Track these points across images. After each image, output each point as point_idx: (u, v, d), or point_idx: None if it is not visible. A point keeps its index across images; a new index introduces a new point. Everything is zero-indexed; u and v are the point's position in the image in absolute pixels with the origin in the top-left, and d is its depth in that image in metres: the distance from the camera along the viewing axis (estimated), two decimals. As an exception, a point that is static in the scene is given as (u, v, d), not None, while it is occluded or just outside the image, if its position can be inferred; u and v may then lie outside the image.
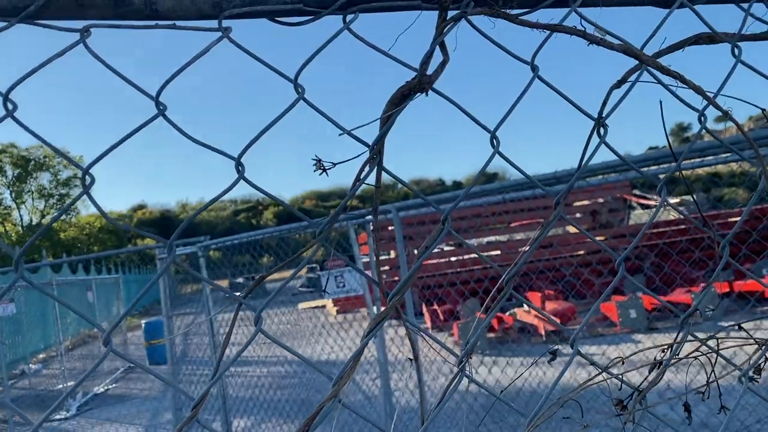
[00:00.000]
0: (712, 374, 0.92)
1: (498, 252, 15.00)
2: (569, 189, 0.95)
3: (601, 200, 16.71)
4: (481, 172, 0.93)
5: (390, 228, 13.04)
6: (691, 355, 0.95)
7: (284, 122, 0.91)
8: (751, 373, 1.00)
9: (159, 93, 0.83)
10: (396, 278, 15.12)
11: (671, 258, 9.84)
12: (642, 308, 11.10)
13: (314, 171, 0.86)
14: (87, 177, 0.80)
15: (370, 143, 0.87)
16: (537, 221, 15.81)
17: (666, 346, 0.95)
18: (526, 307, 12.88)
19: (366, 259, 8.31)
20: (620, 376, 0.94)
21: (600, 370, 0.92)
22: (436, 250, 16.71)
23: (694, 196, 1.29)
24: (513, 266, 0.92)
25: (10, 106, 0.79)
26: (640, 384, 0.94)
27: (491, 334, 11.77)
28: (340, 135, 0.84)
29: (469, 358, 0.89)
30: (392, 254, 14.99)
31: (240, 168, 0.85)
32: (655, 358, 0.95)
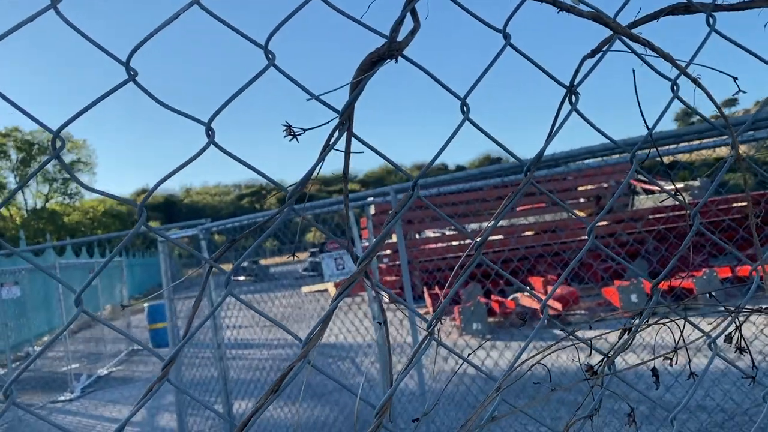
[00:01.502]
0: (681, 339, 0.93)
1: (500, 236, 15.00)
2: (540, 156, 0.96)
3: (605, 185, 16.67)
4: (450, 139, 0.94)
5: (390, 211, 13.04)
6: (659, 322, 0.96)
7: (289, 111, 0.92)
8: (721, 341, 1.02)
9: (129, 58, 0.83)
10: (397, 262, 15.14)
11: (669, 242, 9.83)
12: (643, 292, 11.13)
13: (284, 137, 0.86)
14: (57, 141, 0.81)
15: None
16: (538, 206, 15.80)
17: (636, 313, 0.96)
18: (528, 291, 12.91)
19: (366, 243, 8.33)
20: (589, 341, 0.95)
21: (567, 333, 0.93)
22: (437, 234, 16.73)
23: (671, 175, 1.30)
24: (485, 230, 0.93)
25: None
26: (610, 350, 0.95)
27: (491, 319, 11.80)
28: (308, 100, 0.84)
29: (437, 322, 0.90)
30: (394, 238, 15.01)
31: (210, 133, 0.86)
32: (624, 325, 0.97)
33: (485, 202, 14.04)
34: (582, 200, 16.76)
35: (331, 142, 0.86)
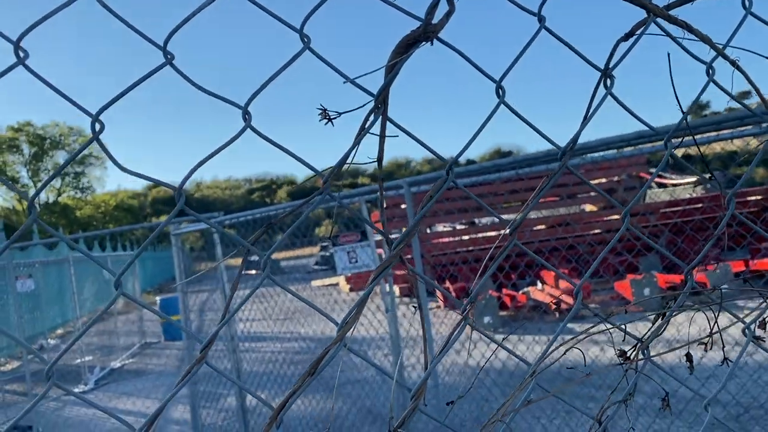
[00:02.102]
0: (715, 325, 0.92)
1: (504, 216, 14.91)
2: (576, 138, 0.95)
3: (617, 178, 16.58)
4: (485, 123, 0.93)
5: (402, 206, 13.04)
6: (693, 307, 0.95)
7: (292, 100, 0.92)
8: (756, 328, 1.01)
9: (167, 42, 0.83)
10: (409, 256, 15.14)
11: (685, 234, 9.78)
12: (656, 286, 11.07)
13: (320, 121, 0.86)
14: (96, 124, 0.81)
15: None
16: (552, 199, 15.74)
17: (670, 297, 0.96)
18: (540, 285, 12.88)
19: (378, 237, 8.33)
20: (623, 326, 0.95)
21: (602, 318, 0.93)
22: (448, 228, 16.71)
23: (705, 161, 1.28)
24: (519, 214, 0.93)
25: (21, 54, 0.80)
26: (644, 335, 0.95)
27: (504, 312, 11.79)
28: (344, 83, 0.84)
29: (472, 306, 0.90)
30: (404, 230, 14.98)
31: (247, 117, 0.86)
32: (658, 311, 0.96)
33: (498, 196, 14.01)
34: (593, 193, 16.68)
35: (366, 126, 0.86)
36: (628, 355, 0.94)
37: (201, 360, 0.81)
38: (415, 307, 0.96)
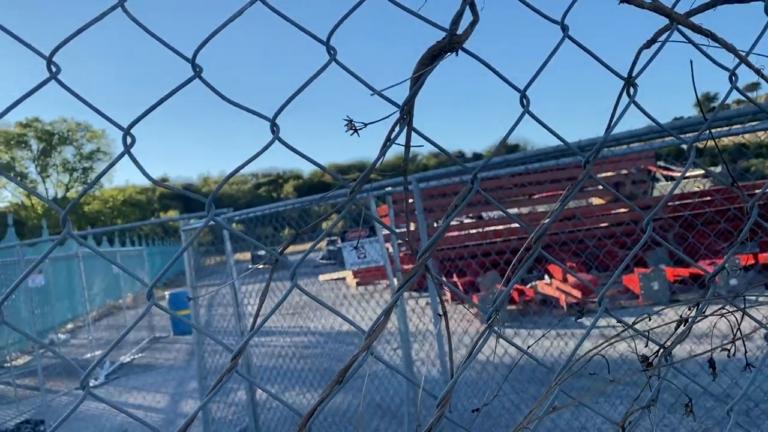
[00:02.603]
0: (738, 332, 0.93)
1: (527, 224, 14.88)
2: (601, 146, 0.96)
3: (624, 172, 16.51)
4: (512, 130, 0.94)
5: (411, 201, 13.04)
6: (716, 313, 0.96)
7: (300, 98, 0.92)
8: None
9: (195, 54, 0.84)
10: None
11: (696, 229, 9.74)
12: (665, 280, 11.05)
13: (346, 131, 0.87)
14: (128, 138, 0.82)
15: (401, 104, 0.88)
16: (560, 193, 15.69)
17: (692, 304, 0.96)
18: (547, 279, 12.87)
19: (387, 231, 8.33)
20: (646, 333, 0.95)
21: (626, 327, 0.94)
22: (455, 222, 16.70)
23: (726, 163, 1.28)
24: (542, 225, 0.94)
25: (53, 69, 0.81)
26: (666, 340, 0.96)
27: (512, 307, 11.80)
28: (371, 95, 0.85)
29: (496, 314, 0.91)
30: (412, 226, 14.96)
31: (275, 129, 0.87)
32: (681, 316, 0.97)
33: (508, 190, 13.99)
34: (601, 187, 16.62)
35: (392, 137, 0.87)
36: (650, 361, 0.95)
37: (232, 369, 0.83)
38: (439, 315, 0.97)
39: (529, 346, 0.92)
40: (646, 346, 0.96)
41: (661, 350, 0.95)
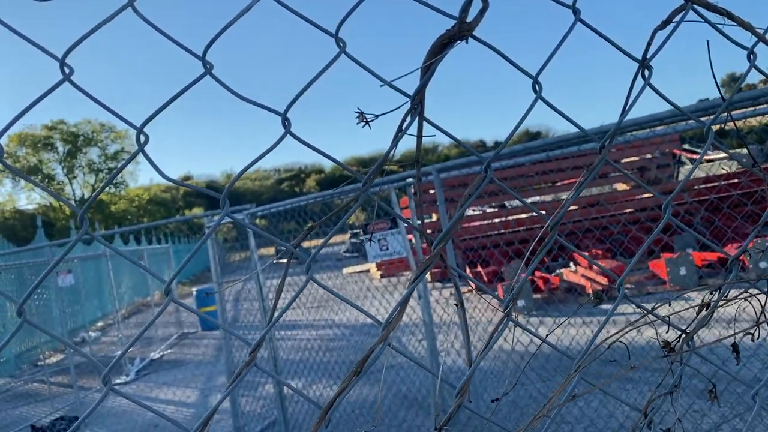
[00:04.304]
0: (762, 315, 0.91)
1: (543, 212, 14.77)
2: (615, 131, 0.94)
3: (649, 156, 16.27)
4: (524, 117, 0.93)
5: (431, 192, 13.00)
6: (740, 297, 0.94)
7: (313, 92, 0.92)
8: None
9: (205, 52, 0.85)
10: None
11: (722, 212, 9.58)
12: (692, 265, 10.89)
13: (357, 124, 0.87)
14: (141, 136, 0.83)
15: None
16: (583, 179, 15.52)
17: (714, 288, 0.95)
18: (572, 267, 12.76)
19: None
20: (667, 318, 0.94)
21: (646, 312, 0.93)
22: (479, 212, 16.62)
23: (746, 145, 1.26)
24: (557, 211, 0.93)
25: (66, 71, 0.82)
26: (688, 326, 0.94)
27: (537, 295, 11.73)
28: (381, 86, 0.85)
29: (514, 303, 0.91)
30: (434, 217, 14.94)
31: (286, 123, 0.87)
32: (702, 300, 0.95)
33: (528, 178, 13.88)
34: (626, 172, 16.41)
35: (403, 127, 0.87)
36: (672, 346, 0.94)
37: (251, 362, 0.83)
38: (456, 305, 0.97)
39: (547, 335, 0.91)
40: (667, 331, 0.94)
41: (683, 335, 0.94)
